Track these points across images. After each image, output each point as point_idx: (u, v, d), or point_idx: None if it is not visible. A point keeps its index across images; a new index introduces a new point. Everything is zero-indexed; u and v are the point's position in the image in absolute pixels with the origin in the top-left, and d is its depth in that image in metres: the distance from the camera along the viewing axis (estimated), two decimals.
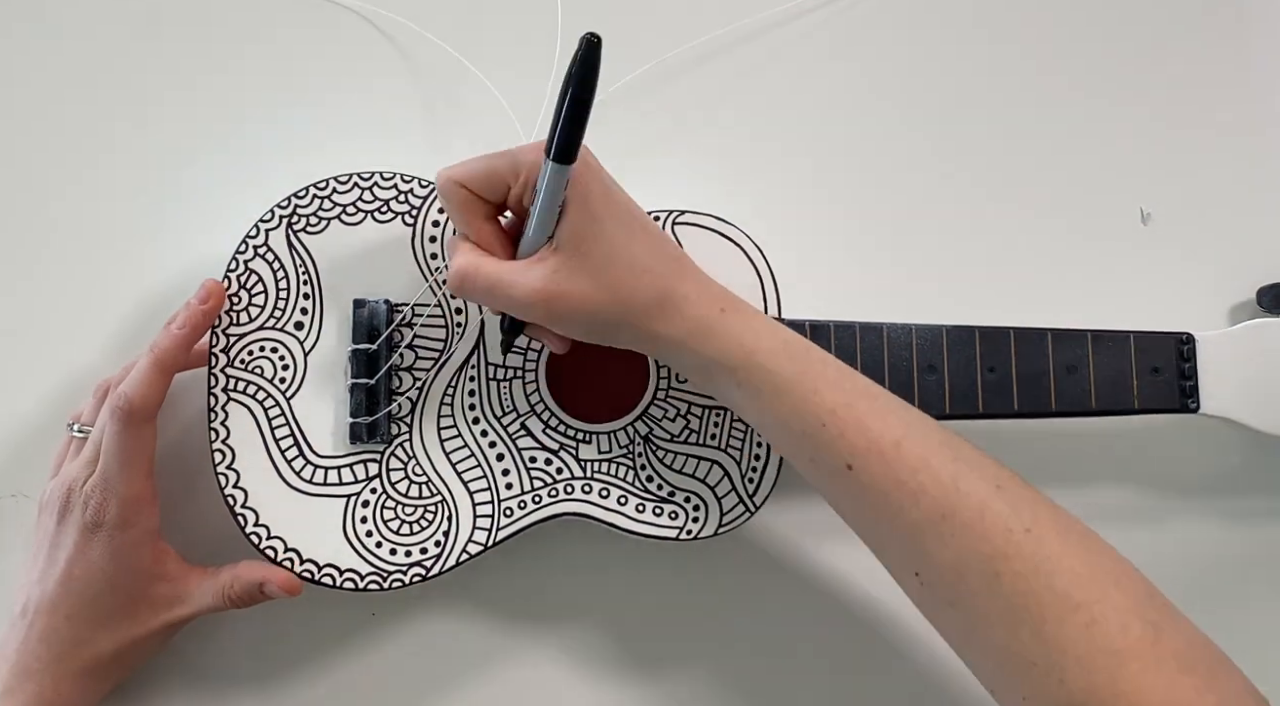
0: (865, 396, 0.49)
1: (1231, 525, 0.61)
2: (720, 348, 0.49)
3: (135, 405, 0.52)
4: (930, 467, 0.47)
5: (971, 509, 0.46)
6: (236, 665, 0.59)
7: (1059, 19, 0.66)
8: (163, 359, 0.53)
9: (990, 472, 0.48)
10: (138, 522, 0.53)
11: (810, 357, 0.50)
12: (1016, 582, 0.45)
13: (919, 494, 0.47)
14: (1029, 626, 0.45)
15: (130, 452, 0.53)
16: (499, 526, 0.55)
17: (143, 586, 0.54)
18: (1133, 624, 0.44)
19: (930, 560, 0.47)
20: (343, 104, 0.63)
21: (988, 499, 0.47)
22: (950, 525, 0.46)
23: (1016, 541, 0.46)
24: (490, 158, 0.49)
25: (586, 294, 0.49)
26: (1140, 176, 0.64)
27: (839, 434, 0.48)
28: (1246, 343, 0.58)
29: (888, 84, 0.65)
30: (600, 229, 0.48)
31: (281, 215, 0.56)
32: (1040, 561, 0.45)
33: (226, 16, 0.64)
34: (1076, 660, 0.44)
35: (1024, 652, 0.45)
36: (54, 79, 0.63)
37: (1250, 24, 0.66)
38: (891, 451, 0.48)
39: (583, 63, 0.42)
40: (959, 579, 0.46)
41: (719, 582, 0.60)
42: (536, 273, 0.49)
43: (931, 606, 0.49)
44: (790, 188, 0.63)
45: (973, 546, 0.46)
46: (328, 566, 0.54)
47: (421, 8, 0.64)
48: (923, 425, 0.49)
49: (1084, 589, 0.45)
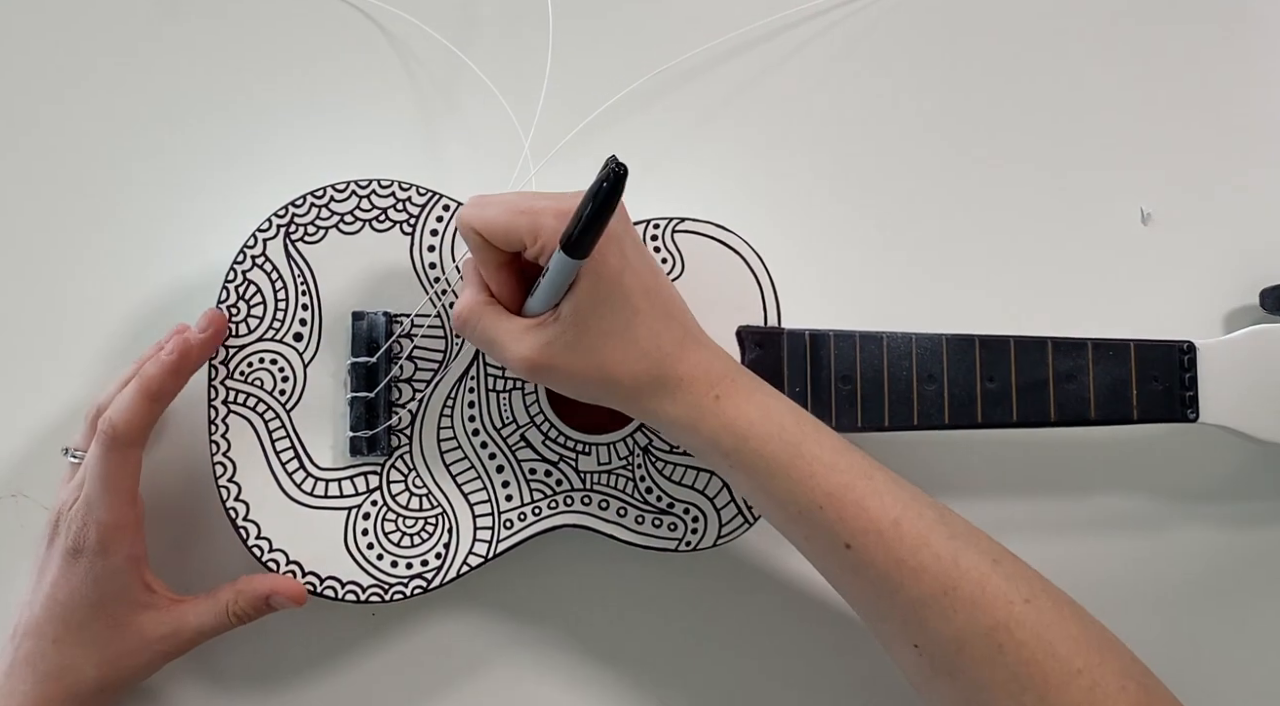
0: (862, 476, 0.50)
1: (1231, 533, 0.61)
2: (712, 434, 0.50)
3: (119, 431, 0.52)
4: (930, 545, 0.48)
5: (973, 583, 0.47)
6: (235, 667, 0.60)
7: (1057, 23, 0.65)
8: (149, 386, 0.53)
9: (985, 547, 0.49)
10: (119, 550, 0.52)
11: (804, 441, 0.50)
12: (1020, 651, 0.46)
13: (919, 571, 0.48)
14: (1033, 693, 0.46)
15: (112, 479, 0.52)
16: (499, 538, 0.55)
17: (126, 614, 0.53)
18: (1128, 685, 0.47)
19: (931, 634, 0.48)
20: (340, 109, 0.63)
21: (987, 573, 0.48)
22: (952, 600, 0.47)
23: (1017, 613, 0.47)
24: (512, 213, 0.49)
25: (575, 370, 0.49)
26: (1140, 178, 0.64)
27: (836, 517, 0.49)
28: (1246, 350, 0.57)
29: (887, 90, 0.64)
30: (603, 309, 0.48)
31: (279, 225, 0.56)
32: (1042, 629, 0.47)
33: (221, 17, 0.63)
34: None
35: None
36: (51, 81, 0.62)
37: (1250, 24, 0.65)
38: (890, 531, 0.48)
39: (611, 190, 0.43)
40: (960, 650, 0.47)
41: (718, 591, 0.61)
42: (530, 341, 0.49)
43: (930, 678, 0.49)
44: (790, 195, 0.63)
45: (975, 619, 0.47)
46: (329, 579, 0.54)
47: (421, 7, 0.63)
48: (918, 503, 0.50)
49: (1083, 655, 0.47)
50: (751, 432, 0.49)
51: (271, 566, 0.54)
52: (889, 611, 0.49)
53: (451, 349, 0.56)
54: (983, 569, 0.48)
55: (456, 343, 0.56)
